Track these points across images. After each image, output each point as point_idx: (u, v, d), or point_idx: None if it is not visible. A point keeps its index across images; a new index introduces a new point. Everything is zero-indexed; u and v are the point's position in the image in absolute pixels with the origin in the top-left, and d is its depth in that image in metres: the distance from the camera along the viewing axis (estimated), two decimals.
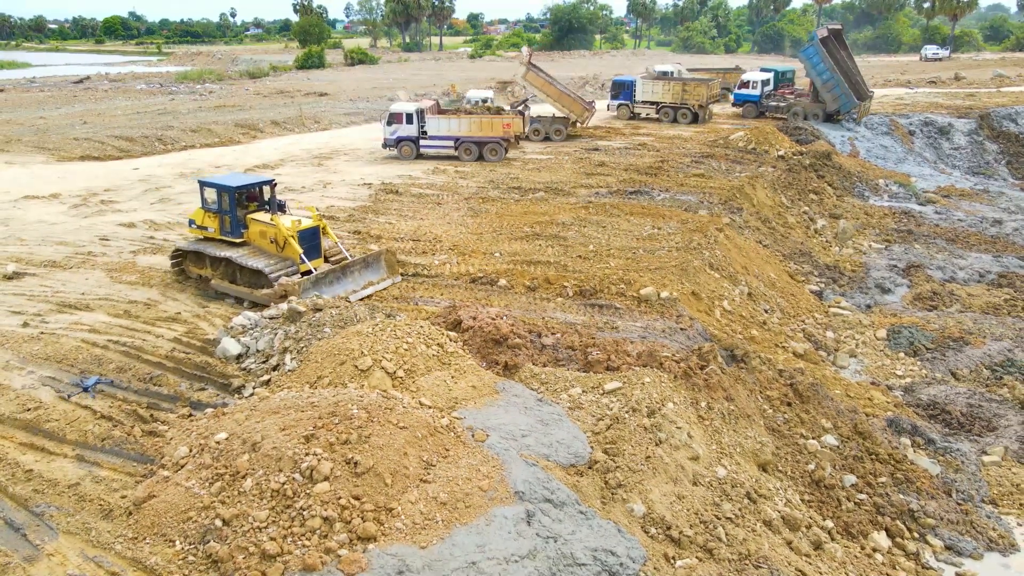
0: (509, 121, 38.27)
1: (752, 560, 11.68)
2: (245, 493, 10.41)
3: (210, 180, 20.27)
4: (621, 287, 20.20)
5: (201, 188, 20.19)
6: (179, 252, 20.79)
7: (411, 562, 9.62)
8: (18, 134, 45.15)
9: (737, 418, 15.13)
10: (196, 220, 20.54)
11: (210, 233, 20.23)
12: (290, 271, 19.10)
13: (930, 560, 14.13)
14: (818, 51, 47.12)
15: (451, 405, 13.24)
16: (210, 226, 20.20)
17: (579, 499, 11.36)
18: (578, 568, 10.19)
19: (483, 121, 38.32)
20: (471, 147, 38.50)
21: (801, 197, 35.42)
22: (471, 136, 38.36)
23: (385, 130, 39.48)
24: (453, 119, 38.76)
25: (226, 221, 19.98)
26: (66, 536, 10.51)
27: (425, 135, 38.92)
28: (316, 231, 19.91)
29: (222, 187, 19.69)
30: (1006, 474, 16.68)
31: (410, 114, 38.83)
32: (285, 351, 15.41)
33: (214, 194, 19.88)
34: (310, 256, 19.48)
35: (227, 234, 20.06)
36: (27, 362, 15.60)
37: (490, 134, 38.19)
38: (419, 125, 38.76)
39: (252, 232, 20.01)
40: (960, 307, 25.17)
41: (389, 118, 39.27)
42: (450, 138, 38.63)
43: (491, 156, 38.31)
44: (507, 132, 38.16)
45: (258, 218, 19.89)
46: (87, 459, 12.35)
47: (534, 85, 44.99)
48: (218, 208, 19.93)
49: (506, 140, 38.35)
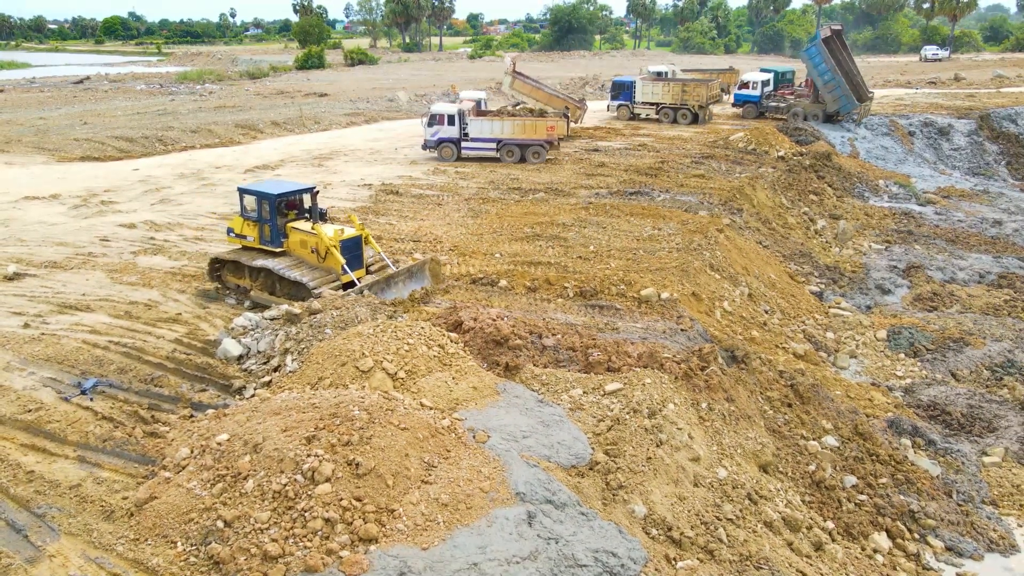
0: (553, 124, 37.94)
1: (753, 561, 11.69)
2: (247, 494, 10.42)
3: (250, 187, 19.70)
4: (621, 288, 20.22)
5: (240, 196, 19.63)
6: (217, 262, 20.17)
7: (412, 563, 9.63)
8: (18, 134, 45.16)
9: (738, 419, 15.14)
10: (235, 229, 19.93)
11: (249, 242, 19.64)
12: (332, 282, 18.50)
13: (931, 561, 14.14)
14: (820, 51, 47.13)
15: (452, 406, 13.25)
16: (249, 235, 19.60)
17: (580, 500, 11.36)
18: (579, 569, 10.19)
19: (526, 123, 37.97)
20: (513, 149, 38.17)
21: (801, 198, 35.45)
22: (514, 138, 38.00)
23: (426, 131, 38.98)
24: (496, 121, 38.44)
25: (266, 230, 19.34)
26: (68, 537, 10.51)
27: (467, 137, 38.56)
28: (359, 240, 19.26)
29: (263, 195, 19.07)
30: (1006, 475, 16.70)
31: (452, 115, 38.44)
32: (286, 352, 15.42)
33: (253, 202, 19.28)
34: (352, 266, 18.85)
35: (267, 243, 19.44)
36: (28, 363, 15.60)
37: (533, 136, 37.80)
38: (461, 127, 38.52)
39: (292, 241, 19.37)
40: (960, 308, 25.19)
41: (430, 119, 38.79)
42: (492, 140, 38.26)
43: (533, 158, 37.91)
44: (550, 134, 37.81)
45: (299, 227, 19.27)
46: (88, 460, 12.35)
47: (522, 92, 45.24)
48: (258, 216, 19.31)
49: (549, 142, 38.03)
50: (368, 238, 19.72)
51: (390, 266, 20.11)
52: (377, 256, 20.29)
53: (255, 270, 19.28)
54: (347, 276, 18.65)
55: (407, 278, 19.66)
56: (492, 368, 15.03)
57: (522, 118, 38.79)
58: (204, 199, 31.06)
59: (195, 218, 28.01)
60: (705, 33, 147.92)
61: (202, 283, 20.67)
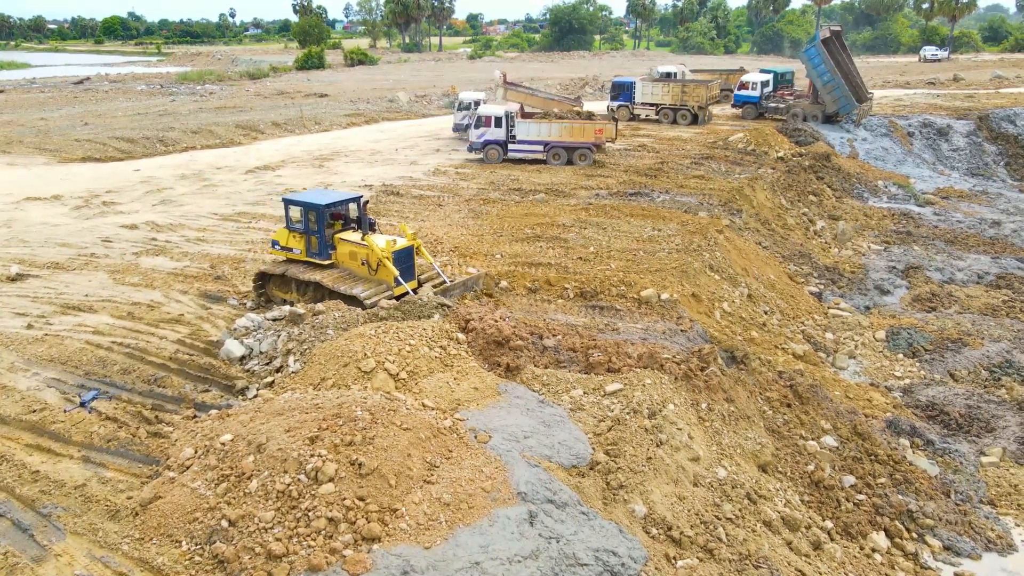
0: (601, 127, 37.75)
1: (752, 560, 11.80)
2: (251, 494, 10.52)
3: (296, 198, 19.07)
4: (622, 289, 20.32)
5: (286, 206, 19.01)
6: (263, 276, 19.56)
7: (415, 562, 9.73)
8: (19, 135, 45.25)
9: (737, 419, 15.25)
10: (280, 241, 19.23)
11: (296, 255, 18.96)
12: (385, 295, 17.90)
13: (928, 560, 14.25)
14: (819, 52, 47.20)
15: (454, 407, 13.35)
16: (295, 247, 18.91)
17: (581, 500, 11.47)
18: (580, 568, 10.30)
19: (574, 126, 37.76)
20: (560, 152, 37.84)
21: (800, 199, 35.55)
22: (561, 141, 37.72)
23: (471, 133, 38.74)
24: (543, 123, 38.16)
25: (313, 242, 18.59)
26: (73, 536, 10.61)
27: (514, 139, 38.24)
28: (411, 251, 18.61)
29: (310, 205, 18.37)
30: (1004, 475, 16.81)
31: (499, 117, 38.12)
32: (288, 353, 15.52)
33: (299, 212, 18.63)
34: (405, 278, 18.22)
35: (314, 256, 18.73)
36: (32, 364, 15.70)
37: (581, 139, 37.59)
38: (508, 129, 38.29)
39: (341, 253, 18.76)
40: (959, 308, 25.30)
41: (476, 121, 38.44)
42: (539, 142, 37.89)
43: (580, 161, 37.57)
44: (598, 137, 37.58)
45: (348, 238, 18.63)
46: (93, 460, 12.45)
47: (517, 100, 45.43)
48: (304, 228, 18.59)
49: (596, 145, 37.84)
50: (420, 248, 19.11)
51: (441, 276, 19.47)
52: (428, 267, 19.58)
53: (303, 284, 18.57)
54: (400, 288, 18.05)
55: (462, 291, 19.12)
56: (493, 368, 15.12)
57: (570, 121, 38.48)
58: (205, 200, 31.15)
59: (197, 219, 28.10)
60: (705, 33, 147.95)
61: (204, 284, 20.77)
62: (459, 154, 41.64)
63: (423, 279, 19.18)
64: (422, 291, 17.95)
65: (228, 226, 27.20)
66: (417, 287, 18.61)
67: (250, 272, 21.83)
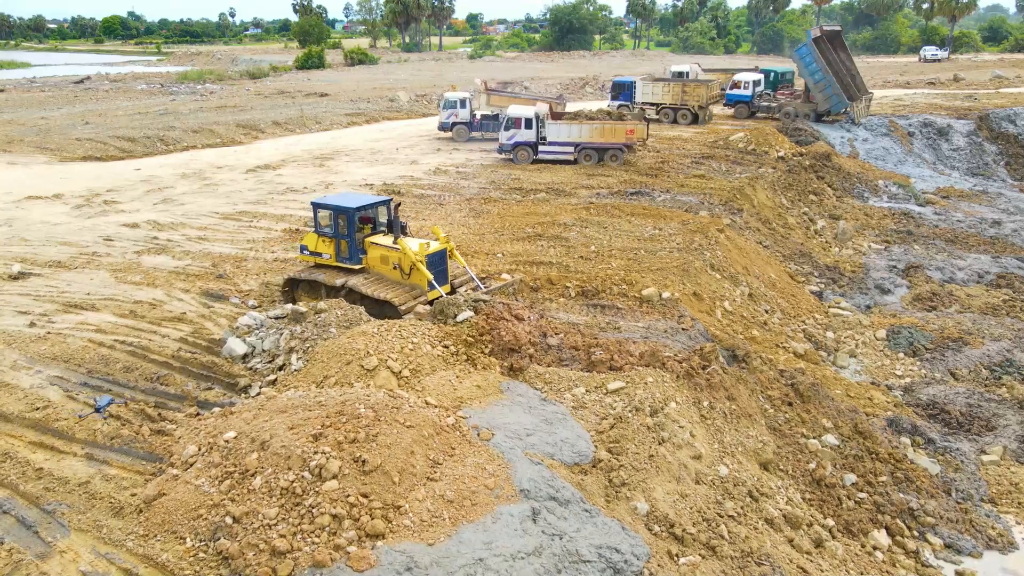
0: (632, 127, 37.56)
1: (754, 557, 11.83)
2: (255, 491, 10.55)
3: (325, 201, 18.67)
4: (623, 287, 20.36)
5: (315, 210, 18.58)
6: (292, 282, 19.19)
7: (419, 559, 9.76)
8: (20, 134, 45.27)
9: (739, 417, 15.28)
10: (309, 246, 18.88)
11: (325, 260, 18.60)
12: (420, 299, 17.53)
13: (930, 558, 14.27)
14: (811, 51, 47.45)
15: (456, 404, 13.38)
16: (325, 252, 18.53)
17: (583, 497, 11.50)
18: (583, 565, 10.34)
19: (605, 127, 37.60)
20: (591, 153, 37.65)
21: (801, 198, 35.60)
22: (592, 142, 37.55)
23: (502, 135, 38.61)
24: (574, 125, 37.94)
25: (343, 246, 18.28)
26: (78, 533, 10.64)
27: (543, 140, 38.09)
28: (443, 254, 18.26)
29: (340, 209, 18.03)
30: (1005, 473, 16.84)
31: (529, 119, 37.99)
32: (291, 351, 15.56)
33: (328, 216, 18.30)
34: (438, 282, 17.88)
35: (344, 260, 18.38)
36: (34, 362, 15.73)
37: (612, 140, 37.39)
38: (538, 130, 38.06)
39: (372, 257, 18.39)
40: (959, 308, 25.33)
41: (507, 123, 38.39)
42: (570, 144, 37.74)
43: (611, 161, 37.38)
44: (629, 138, 37.42)
45: (379, 242, 18.25)
46: (96, 458, 12.48)
47: (500, 105, 45.65)
48: (334, 232, 18.23)
49: (628, 146, 37.70)
50: (453, 251, 18.73)
51: (474, 280, 19.09)
52: (462, 270, 19.18)
53: (333, 289, 18.16)
54: (434, 292, 17.69)
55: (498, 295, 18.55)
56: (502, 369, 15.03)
57: (600, 121, 38.30)
58: (206, 199, 31.18)
59: (198, 218, 28.13)
60: (705, 33, 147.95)
61: (206, 282, 20.80)
62: (460, 154, 41.70)
63: (457, 283, 18.78)
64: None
65: (229, 225, 27.24)
66: (451, 291, 18.14)
67: (251, 271, 21.89)
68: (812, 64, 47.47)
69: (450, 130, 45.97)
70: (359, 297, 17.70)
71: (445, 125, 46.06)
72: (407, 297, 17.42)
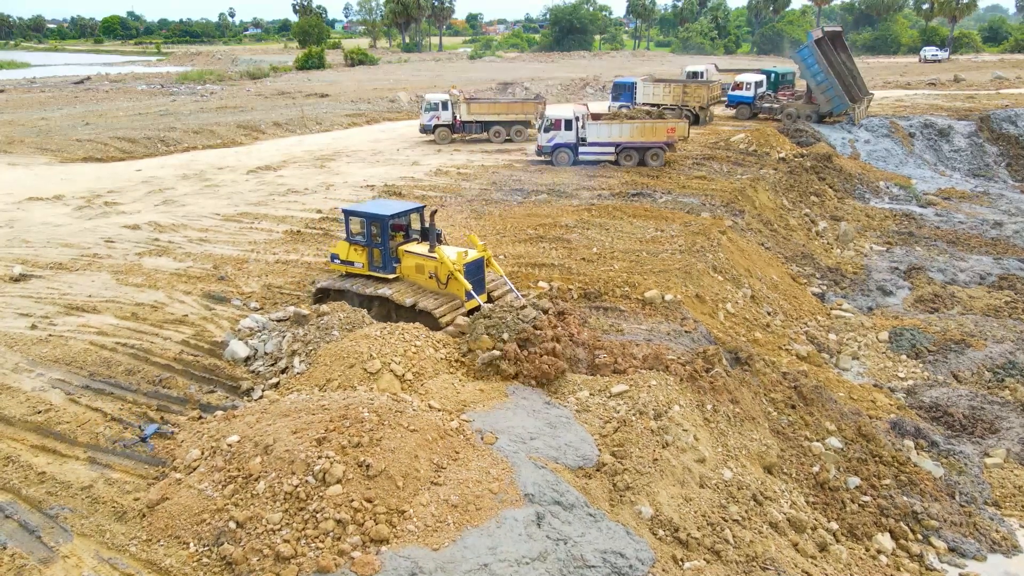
0: (673, 125, 37.24)
1: (759, 562, 11.79)
2: (258, 495, 10.52)
3: (358, 209, 18.29)
4: (625, 290, 20.33)
5: (346, 218, 18.17)
6: (322, 291, 18.65)
7: (424, 564, 9.73)
8: (20, 135, 45.22)
9: (742, 420, 15.24)
10: (340, 255, 18.41)
11: (357, 269, 18.16)
12: (459, 310, 17.06)
13: (934, 562, 14.24)
14: (813, 52, 47.39)
15: (460, 408, 13.35)
16: (357, 261, 18.10)
17: (588, 501, 11.47)
18: (588, 570, 10.30)
19: (645, 126, 37.17)
20: (632, 153, 37.23)
21: (802, 199, 35.56)
22: (633, 142, 37.12)
23: (540, 137, 38.05)
24: (614, 124, 37.59)
25: (376, 255, 17.80)
26: (80, 538, 10.60)
27: (583, 142, 37.70)
28: (481, 263, 17.84)
29: (374, 216, 17.61)
30: (1008, 476, 16.81)
31: (569, 120, 37.60)
32: (293, 354, 15.51)
33: (359, 224, 17.92)
34: (476, 291, 17.43)
35: (377, 270, 17.89)
36: (36, 364, 15.69)
37: (652, 139, 36.97)
38: (578, 131, 37.66)
39: (406, 266, 17.90)
40: (961, 309, 25.30)
41: (546, 125, 37.78)
42: (610, 144, 37.34)
43: (652, 161, 37.05)
44: (670, 136, 37.13)
45: (413, 250, 17.82)
46: (99, 461, 12.44)
47: (480, 112, 45.85)
48: (367, 240, 17.84)
49: (669, 144, 37.35)
50: (490, 260, 18.33)
51: (512, 290, 18.54)
52: (499, 279, 18.73)
53: (366, 300, 17.70)
54: (472, 302, 17.24)
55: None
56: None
57: (641, 120, 37.96)
58: (207, 200, 31.14)
59: (199, 219, 28.08)
60: (705, 34, 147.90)
61: (208, 284, 20.75)
62: (461, 155, 41.67)
63: (494, 294, 18.28)
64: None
65: (230, 226, 27.19)
66: (488, 301, 17.64)
67: (253, 272, 21.84)
68: (814, 65, 47.43)
69: (432, 132, 45.92)
70: (393, 308, 17.24)
71: (427, 127, 46.00)
72: (447, 308, 16.88)
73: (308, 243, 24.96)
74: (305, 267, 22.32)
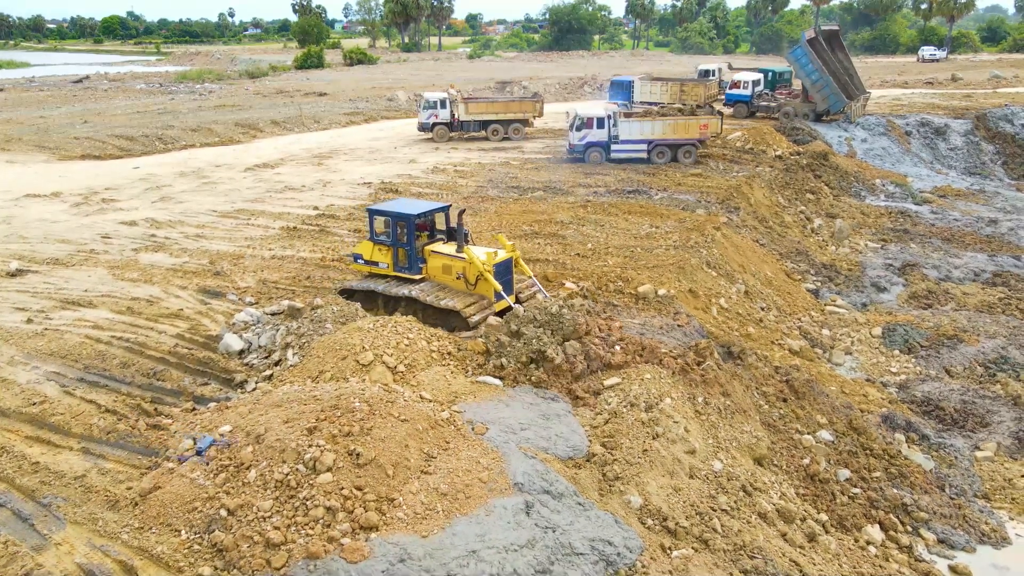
0: (706, 122, 37.10)
1: (747, 551, 11.88)
2: (249, 484, 10.61)
3: (382, 208, 18.01)
4: (619, 284, 20.41)
5: (370, 218, 17.91)
6: (347, 292, 18.48)
7: (413, 551, 9.82)
8: (19, 133, 45.31)
9: (733, 413, 15.32)
10: (364, 255, 18.21)
11: (382, 269, 17.90)
12: (488, 310, 16.85)
13: (923, 553, 14.32)
14: (806, 52, 47.64)
15: (451, 399, 13.43)
16: (381, 261, 17.86)
17: (577, 491, 11.56)
18: (576, 557, 10.39)
19: (678, 123, 37.10)
20: (664, 150, 37.15)
21: (798, 197, 35.64)
22: (665, 139, 37.03)
23: (572, 136, 37.69)
24: (647, 122, 37.43)
25: (401, 255, 17.55)
26: (73, 526, 10.69)
27: (616, 139, 37.39)
28: (510, 264, 17.53)
29: (400, 216, 17.35)
30: (998, 469, 16.90)
31: (601, 119, 37.38)
32: (287, 346, 15.61)
33: (384, 224, 17.70)
34: (505, 291, 17.16)
35: (403, 270, 17.62)
36: (32, 357, 15.78)
37: (685, 136, 36.94)
38: (610, 129, 37.44)
39: (432, 266, 17.67)
40: (955, 306, 25.39)
41: (578, 123, 37.41)
42: (643, 141, 37.12)
43: (685, 158, 37.00)
44: (703, 133, 37.07)
45: (440, 250, 17.59)
46: (92, 452, 12.53)
47: (478, 111, 45.96)
48: (392, 240, 17.57)
49: (701, 141, 37.29)
50: (519, 260, 18.02)
51: (541, 290, 18.30)
52: (528, 280, 18.40)
53: (392, 300, 17.46)
54: (503, 302, 16.98)
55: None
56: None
57: (673, 117, 37.84)
58: (205, 197, 31.23)
59: (196, 216, 28.18)
60: (704, 33, 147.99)
61: (204, 280, 20.84)
62: (458, 153, 41.75)
63: (522, 295, 18.01)
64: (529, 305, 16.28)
65: (227, 223, 27.28)
66: (516, 301, 17.41)
67: (249, 268, 21.93)
68: (808, 65, 47.61)
69: (430, 131, 46.02)
70: (420, 308, 16.97)
71: (425, 126, 46.11)
72: (476, 308, 16.70)
73: (304, 239, 25.05)
74: (301, 263, 22.41)
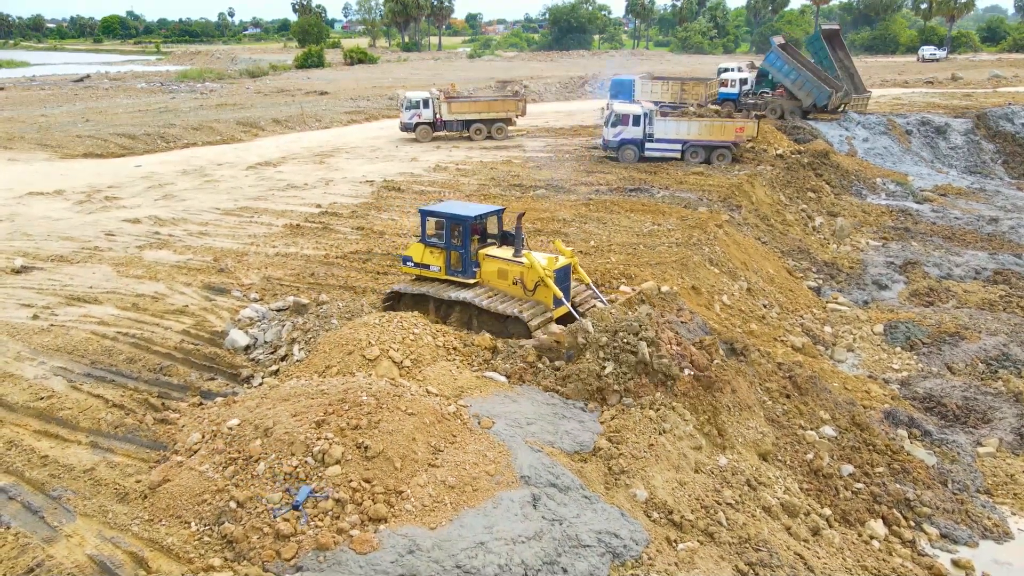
0: (742, 125, 36.99)
1: (752, 544, 11.96)
2: (258, 476, 10.68)
3: (437, 209, 17.30)
4: (622, 281, 20.47)
5: (423, 219, 17.11)
6: (394, 295, 17.68)
7: (421, 542, 9.89)
8: (21, 132, 45.37)
9: (738, 409, 15.38)
10: (414, 257, 17.38)
11: (434, 272, 17.09)
12: (547, 316, 16.23)
13: (926, 548, 14.38)
14: (778, 55, 48.61)
15: (457, 394, 13.50)
16: (433, 264, 17.03)
17: (583, 484, 11.63)
18: (583, 549, 10.46)
19: (714, 125, 36.94)
20: (699, 151, 36.92)
21: (799, 195, 35.72)
22: (700, 140, 36.85)
23: (607, 131, 37.62)
24: (682, 122, 37.27)
25: (455, 258, 16.81)
26: (83, 518, 10.75)
27: (651, 138, 37.22)
28: (568, 269, 16.93)
29: (456, 218, 16.58)
30: (1000, 465, 16.97)
31: (637, 116, 37.03)
32: (293, 342, 15.68)
33: (436, 225, 17.05)
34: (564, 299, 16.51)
35: (456, 274, 16.84)
36: (38, 353, 15.85)
37: (720, 138, 36.75)
38: (645, 128, 37.19)
39: (487, 271, 16.90)
40: (956, 303, 25.47)
41: (614, 119, 37.27)
42: (677, 141, 36.98)
43: (718, 161, 36.72)
44: (739, 136, 36.90)
45: (496, 255, 16.91)
46: (101, 446, 12.61)
47: (461, 111, 46.02)
48: (446, 243, 16.81)
49: (736, 144, 37.08)
50: (577, 266, 17.47)
51: (599, 297, 17.80)
52: (584, 287, 17.90)
53: (444, 304, 16.86)
54: (562, 309, 16.43)
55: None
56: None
57: (709, 118, 37.71)
58: (207, 195, 31.30)
59: (199, 213, 28.25)
60: (704, 33, 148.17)
61: (208, 276, 20.91)
62: (459, 151, 41.82)
63: (577, 301, 17.42)
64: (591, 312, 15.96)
65: (230, 220, 27.35)
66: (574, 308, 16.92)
67: (253, 265, 22.00)
68: (784, 67, 48.60)
69: (413, 131, 45.84)
70: (476, 313, 16.44)
71: (408, 125, 45.86)
72: (535, 313, 16.04)
73: (307, 236, 25.13)
74: (304, 260, 22.48)
